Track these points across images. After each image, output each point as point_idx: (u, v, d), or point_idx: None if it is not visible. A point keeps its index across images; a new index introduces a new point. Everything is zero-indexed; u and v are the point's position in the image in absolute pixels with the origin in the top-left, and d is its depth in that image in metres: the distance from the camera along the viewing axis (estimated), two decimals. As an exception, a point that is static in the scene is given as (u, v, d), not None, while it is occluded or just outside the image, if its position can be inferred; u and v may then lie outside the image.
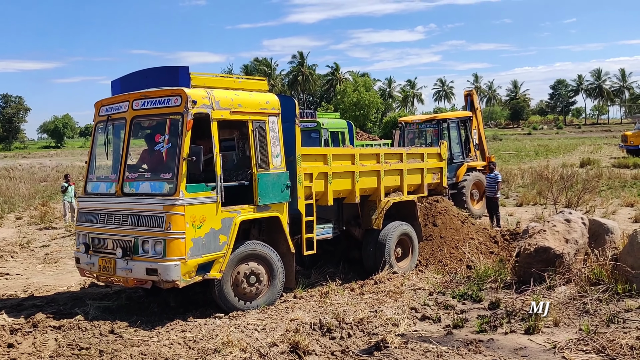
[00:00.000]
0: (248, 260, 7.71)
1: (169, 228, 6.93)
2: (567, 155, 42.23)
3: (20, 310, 7.96)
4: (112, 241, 7.43)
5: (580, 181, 20.40)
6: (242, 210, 7.61)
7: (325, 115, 19.92)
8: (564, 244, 8.72)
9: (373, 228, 9.72)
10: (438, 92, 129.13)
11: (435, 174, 11.17)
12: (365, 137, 33.83)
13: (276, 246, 8.14)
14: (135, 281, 7.19)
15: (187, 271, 7.01)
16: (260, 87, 8.31)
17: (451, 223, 10.84)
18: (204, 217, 7.16)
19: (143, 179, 7.54)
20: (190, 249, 7.01)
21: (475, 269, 9.27)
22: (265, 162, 7.85)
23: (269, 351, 5.99)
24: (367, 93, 73.76)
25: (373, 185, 9.71)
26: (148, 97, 7.50)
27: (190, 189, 7.08)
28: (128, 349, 6.05)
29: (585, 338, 6.26)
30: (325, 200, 8.94)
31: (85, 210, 7.99)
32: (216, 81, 7.81)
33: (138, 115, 7.60)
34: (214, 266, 7.29)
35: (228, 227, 7.41)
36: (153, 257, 7.01)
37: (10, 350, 6.14)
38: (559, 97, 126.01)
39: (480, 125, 18.39)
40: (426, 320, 7.28)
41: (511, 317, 7.15)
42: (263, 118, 7.92)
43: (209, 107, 7.36)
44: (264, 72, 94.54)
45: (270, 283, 7.92)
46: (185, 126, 7.12)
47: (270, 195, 7.84)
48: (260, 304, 7.77)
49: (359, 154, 9.46)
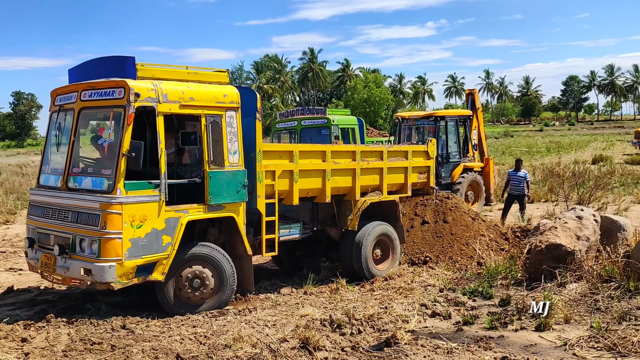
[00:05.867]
0: (193, 262, 7.34)
1: (104, 227, 6.64)
2: (579, 151, 41.96)
3: (34, 306, 8.03)
4: (54, 237, 7.19)
5: (592, 178, 20.29)
6: (191, 210, 7.23)
7: (336, 112, 19.88)
8: (576, 240, 8.68)
9: (349, 229, 9.35)
10: (449, 89, 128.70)
11: (421, 174, 10.73)
12: (376, 134, 33.76)
13: (234, 247, 7.83)
14: (72, 280, 6.95)
15: (124, 273, 6.72)
16: (220, 79, 7.84)
17: (462, 220, 10.81)
18: (144, 216, 6.82)
19: (86, 174, 7.28)
20: (128, 249, 6.70)
21: (486, 265, 9.24)
22: (220, 158, 7.42)
23: (279, 347, 6.01)
24: (377, 89, 73.59)
25: (348, 184, 9.24)
26: (95, 88, 7.18)
27: (129, 187, 6.75)
28: (139, 344, 6.10)
29: (597, 335, 6.23)
30: (290, 200, 8.51)
31: (34, 203, 7.76)
32: (167, 72, 7.38)
33: (85, 106, 7.30)
34: (156, 268, 6.97)
35: (173, 227, 7.03)
36: (89, 256, 6.75)
37: (24, 344, 6.21)
38: (571, 94, 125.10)
39: (481, 125, 18.06)
40: (436, 316, 7.27)
41: (522, 314, 7.12)
42: (219, 112, 7.49)
43: (154, 100, 6.98)
44: (275, 68, 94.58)
45: (218, 287, 7.51)
46: (126, 120, 6.80)
47: (224, 194, 7.42)
48: (206, 309, 7.42)
49: (331, 151, 8.98)
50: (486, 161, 17.64)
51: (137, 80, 7.00)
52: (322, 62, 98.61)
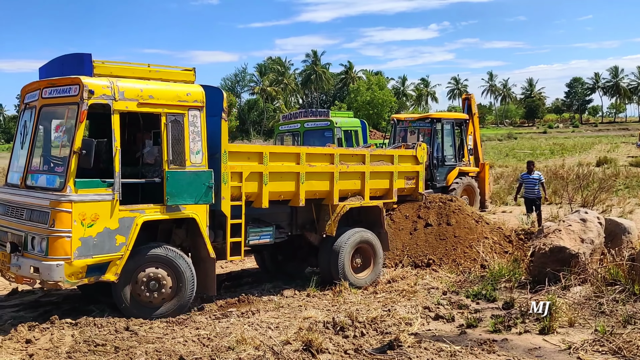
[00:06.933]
0: (150, 264, 7.18)
1: (52, 225, 6.54)
2: (583, 154, 41.91)
3: (38, 307, 8.06)
4: (10, 235, 7.11)
5: (596, 180, 20.25)
6: (147, 210, 7.08)
7: (339, 114, 19.89)
8: (580, 243, 8.66)
9: (327, 234, 9.08)
10: (452, 91, 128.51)
11: (409, 179, 10.26)
12: (379, 136, 33.74)
13: (197, 250, 7.70)
14: (24, 279, 6.86)
15: (73, 272, 6.60)
16: (186, 77, 7.68)
17: (465, 222, 10.79)
18: (96, 215, 6.69)
19: (42, 171, 7.22)
20: (77, 248, 6.58)
21: (490, 268, 9.22)
22: (181, 158, 7.25)
23: (282, 349, 6.01)
24: (380, 92, 73.74)
25: (325, 188, 8.91)
26: (54, 85, 7.13)
27: (80, 185, 6.65)
28: (143, 346, 6.10)
29: (601, 339, 6.21)
30: (260, 203, 8.23)
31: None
32: (127, 70, 7.26)
33: (45, 104, 7.26)
34: (109, 268, 6.84)
35: (127, 227, 6.89)
36: (38, 254, 6.66)
37: (28, 345, 6.22)
38: (575, 95, 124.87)
39: (477, 131, 17.93)
40: (440, 319, 7.26)
41: (525, 317, 7.11)
42: (181, 111, 7.33)
43: (110, 98, 6.86)
44: (278, 71, 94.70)
45: (176, 290, 7.34)
46: (79, 117, 6.70)
47: (184, 195, 7.24)
48: (163, 312, 7.26)
49: (305, 154, 8.64)
50: (482, 166, 17.50)
51: (92, 78, 6.90)
52: (325, 64, 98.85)
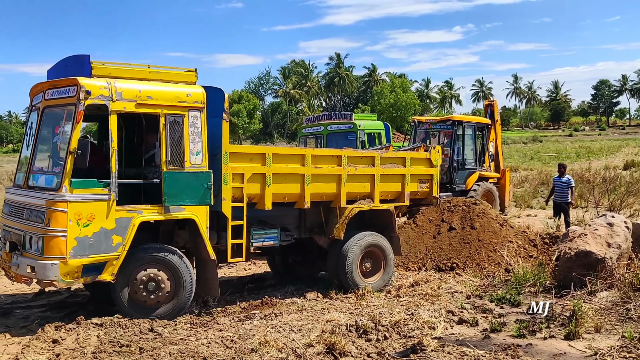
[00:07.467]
0: (148, 265, 7.18)
1: (48, 224, 6.60)
2: (610, 157, 41.28)
3: (64, 307, 8.19)
4: (12, 234, 7.21)
5: (623, 184, 19.93)
6: (145, 211, 7.09)
7: (362, 117, 19.91)
8: (606, 248, 8.53)
9: (335, 238, 8.91)
10: (476, 93, 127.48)
11: (422, 182, 10.00)
12: (402, 139, 33.64)
13: (198, 251, 7.67)
14: (22, 278, 6.93)
15: (68, 271, 6.65)
16: (187, 78, 7.69)
17: (489, 226, 10.71)
18: (92, 215, 6.73)
19: (42, 172, 7.30)
20: (73, 248, 6.62)
21: (514, 272, 9.13)
22: (180, 159, 7.26)
23: (305, 352, 6.02)
24: (404, 94, 73.45)
25: (332, 190, 8.78)
26: (56, 86, 7.22)
27: (76, 185, 6.70)
28: (167, 347, 6.16)
29: (629, 345, 6.10)
30: (263, 204, 8.13)
31: (6, 201, 7.81)
32: (126, 71, 7.29)
33: (48, 105, 7.34)
34: (106, 268, 6.87)
35: (125, 227, 6.91)
36: (34, 253, 6.74)
37: (54, 345, 6.32)
38: (601, 98, 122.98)
39: (499, 138, 17.65)
40: (463, 323, 7.21)
41: (550, 322, 7.03)
42: (181, 112, 7.33)
43: (107, 99, 6.89)
44: (301, 73, 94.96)
45: (174, 292, 7.32)
46: (76, 117, 6.75)
47: (182, 195, 7.23)
48: (161, 313, 7.24)
49: (311, 155, 8.51)
50: (502, 173, 17.18)
51: (90, 79, 6.95)
52: (348, 67, 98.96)
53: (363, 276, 9.10)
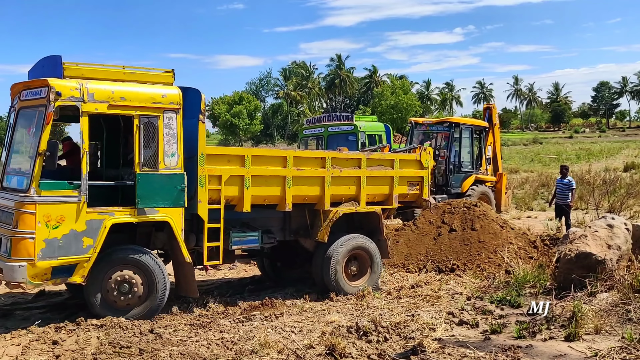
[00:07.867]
0: (121, 267, 7.15)
1: (16, 226, 6.56)
2: (610, 159, 41.29)
3: (65, 309, 8.19)
4: None
5: (623, 186, 19.94)
6: (117, 213, 7.02)
7: (363, 119, 19.94)
8: (606, 249, 8.54)
9: (319, 240, 8.77)
10: (477, 95, 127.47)
11: (412, 185, 9.71)
12: (403, 140, 33.65)
13: (175, 254, 7.62)
14: None
15: (37, 273, 6.60)
16: (162, 79, 7.59)
17: (490, 227, 10.71)
18: (62, 217, 6.68)
19: (15, 173, 7.24)
20: (41, 250, 6.57)
21: (514, 274, 9.14)
22: (154, 161, 7.18)
23: (305, 353, 6.03)
24: (404, 96, 73.47)
25: (314, 192, 8.61)
26: (29, 87, 7.18)
27: (45, 186, 6.65)
28: (167, 349, 6.17)
29: (629, 347, 6.11)
30: (241, 207, 8.01)
31: None
32: (99, 72, 7.20)
33: (23, 106, 7.31)
34: (76, 270, 6.82)
35: (96, 229, 6.85)
36: (3, 255, 6.70)
37: (55, 347, 6.33)
38: (602, 100, 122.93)
39: (497, 142, 17.60)
40: (464, 325, 7.22)
41: (551, 323, 7.03)
42: (155, 113, 7.24)
43: (78, 100, 6.82)
44: (302, 75, 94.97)
45: (147, 294, 7.29)
46: (45, 119, 6.70)
47: (155, 197, 7.17)
48: (134, 315, 7.20)
49: (293, 157, 8.37)
50: (499, 176, 17.11)
51: (62, 80, 6.90)
52: (349, 68, 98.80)
53: (349, 279, 8.97)
